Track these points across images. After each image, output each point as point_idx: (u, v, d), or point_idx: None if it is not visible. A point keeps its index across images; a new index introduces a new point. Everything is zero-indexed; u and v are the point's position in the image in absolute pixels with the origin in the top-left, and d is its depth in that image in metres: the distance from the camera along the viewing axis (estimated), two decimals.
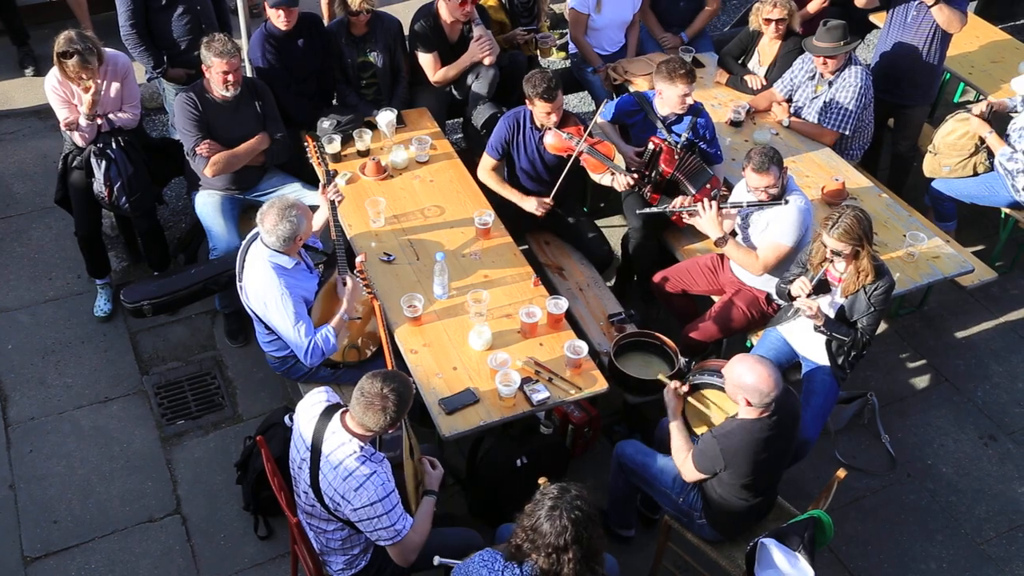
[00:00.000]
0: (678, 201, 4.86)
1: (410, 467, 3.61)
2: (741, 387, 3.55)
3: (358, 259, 4.18)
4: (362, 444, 3.31)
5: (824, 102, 5.56)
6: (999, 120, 5.69)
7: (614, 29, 6.36)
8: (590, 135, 4.93)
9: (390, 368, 3.81)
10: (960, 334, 5.72)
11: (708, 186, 4.87)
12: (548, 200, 5.01)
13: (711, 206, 4.58)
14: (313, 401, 3.48)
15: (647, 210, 4.93)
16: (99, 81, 4.84)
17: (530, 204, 5.05)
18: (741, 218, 4.73)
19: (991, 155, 5.56)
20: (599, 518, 2.95)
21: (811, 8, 6.49)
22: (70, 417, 4.89)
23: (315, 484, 3.36)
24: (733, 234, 4.73)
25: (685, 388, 3.97)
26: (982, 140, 5.58)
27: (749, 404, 3.56)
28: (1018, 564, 4.57)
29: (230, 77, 4.80)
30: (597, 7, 6.20)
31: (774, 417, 3.59)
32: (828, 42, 5.37)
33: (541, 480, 3.35)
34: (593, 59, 6.31)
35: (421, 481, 3.67)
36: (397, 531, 3.34)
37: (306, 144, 4.68)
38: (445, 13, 5.62)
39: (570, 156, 4.93)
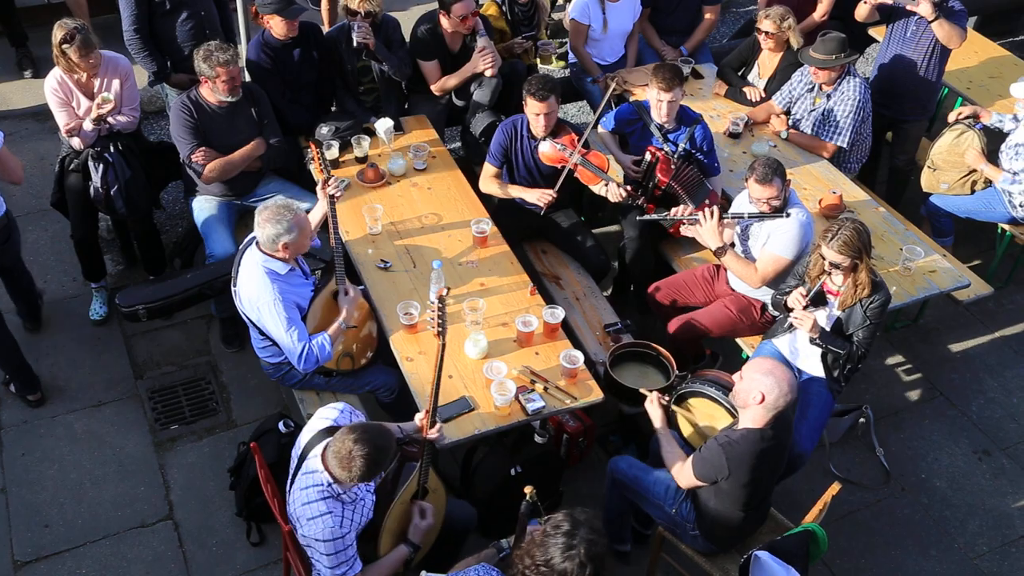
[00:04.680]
0: (679, 209, 4.86)
1: (402, 510, 3.60)
2: (762, 382, 3.51)
3: (441, 289, 4.05)
4: (330, 482, 3.28)
5: (822, 114, 5.56)
6: (993, 138, 5.71)
7: (615, 39, 6.37)
8: (584, 146, 4.93)
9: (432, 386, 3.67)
10: (955, 348, 5.72)
11: (707, 201, 4.88)
12: (552, 192, 5.00)
13: (712, 215, 4.59)
14: (324, 415, 3.48)
15: (648, 216, 4.93)
16: (104, 80, 4.86)
17: (533, 195, 5.04)
18: (741, 230, 4.73)
19: None
20: (609, 549, 2.87)
21: (816, 16, 6.51)
22: (63, 421, 4.88)
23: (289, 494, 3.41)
24: (732, 245, 4.74)
25: (665, 399, 3.99)
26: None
27: (762, 401, 3.51)
28: None
29: (235, 82, 4.81)
30: (604, 28, 6.22)
31: (773, 427, 3.58)
32: (823, 53, 5.38)
33: (527, 489, 3.28)
34: (593, 69, 6.32)
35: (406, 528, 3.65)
36: (335, 575, 3.33)
37: (308, 148, 4.66)
38: (446, 23, 5.63)
39: (564, 167, 4.93)
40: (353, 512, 3.37)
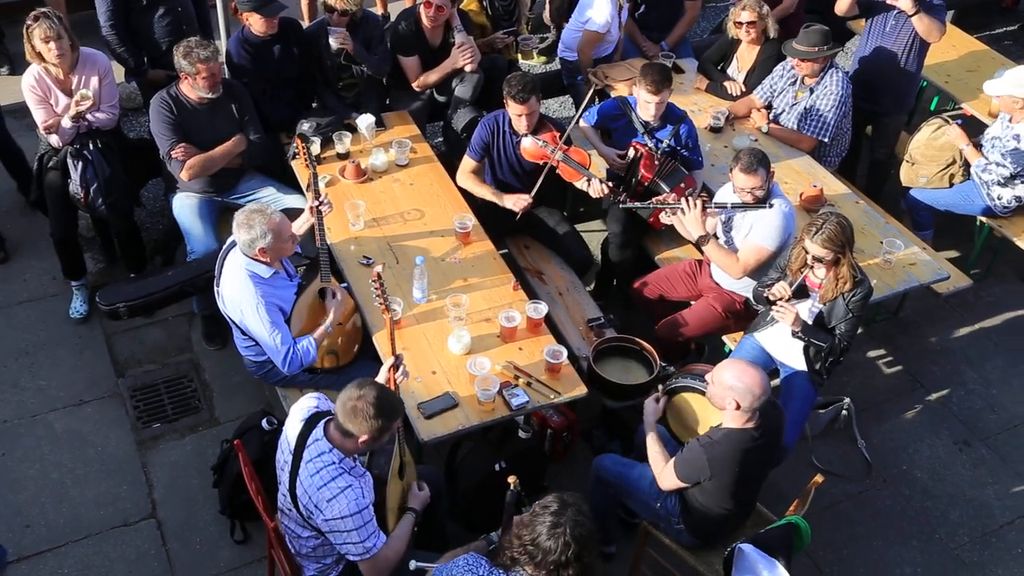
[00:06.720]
0: (663, 196, 4.86)
1: (396, 486, 3.58)
2: (732, 389, 3.52)
3: (377, 268, 3.89)
4: (342, 456, 3.27)
5: (804, 108, 5.59)
6: (974, 133, 5.75)
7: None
8: (567, 143, 4.93)
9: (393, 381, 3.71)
10: (935, 340, 5.77)
11: (682, 185, 4.88)
12: (528, 197, 5.01)
13: (696, 204, 4.58)
14: (303, 405, 3.44)
15: (630, 204, 4.92)
16: (83, 77, 4.82)
17: (509, 201, 5.05)
18: (723, 221, 4.75)
19: (967, 166, 5.62)
20: (597, 534, 2.89)
21: (783, 10, 6.52)
22: (44, 420, 4.84)
23: (292, 489, 3.34)
24: (715, 236, 4.75)
25: (664, 401, 3.98)
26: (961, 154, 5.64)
27: (737, 408, 3.54)
28: (991, 569, 4.61)
29: (215, 79, 4.78)
30: (620, 29, 6.24)
31: (760, 428, 3.59)
32: (806, 45, 5.40)
33: (511, 479, 3.26)
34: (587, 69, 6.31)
35: (405, 501, 3.64)
36: (367, 548, 3.30)
37: (290, 144, 4.60)
38: (426, 19, 5.61)
39: (546, 163, 4.93)
40: (367, 484, 3.34)
